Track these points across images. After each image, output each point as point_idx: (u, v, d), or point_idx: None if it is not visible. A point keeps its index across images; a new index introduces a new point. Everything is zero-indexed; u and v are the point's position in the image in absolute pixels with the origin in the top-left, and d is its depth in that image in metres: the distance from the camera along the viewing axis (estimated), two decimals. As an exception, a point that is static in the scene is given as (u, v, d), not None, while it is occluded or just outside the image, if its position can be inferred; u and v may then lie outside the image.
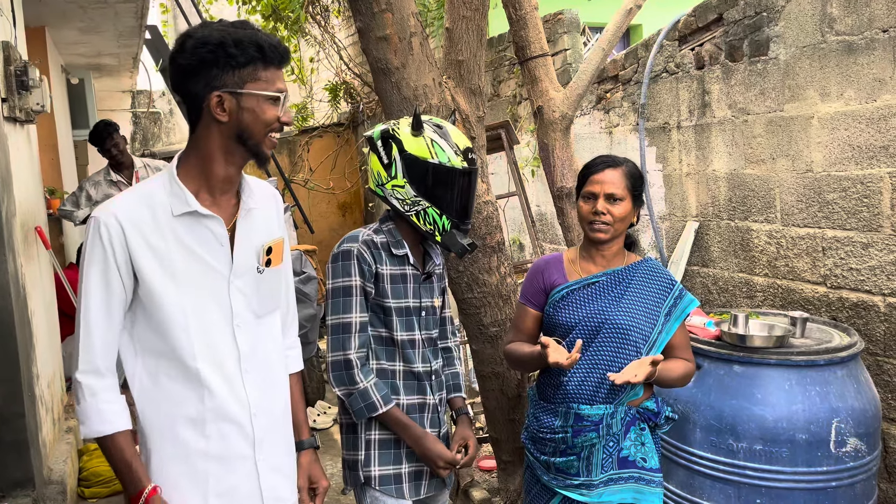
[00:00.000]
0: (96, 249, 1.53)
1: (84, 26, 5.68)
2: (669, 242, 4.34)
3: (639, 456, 2.12)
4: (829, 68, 3.23)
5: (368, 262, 2.06)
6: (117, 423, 1.55)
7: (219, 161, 1.58)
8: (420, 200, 2.04)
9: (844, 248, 3.24)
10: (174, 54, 1.54)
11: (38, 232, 3.70)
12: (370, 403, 2.04)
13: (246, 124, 1.54)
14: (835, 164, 3.25)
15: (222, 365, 1.62)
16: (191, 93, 1.54)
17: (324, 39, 8.00)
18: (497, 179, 5.72)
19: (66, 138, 6.74)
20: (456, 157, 2.03)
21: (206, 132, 1.56)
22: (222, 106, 1.52)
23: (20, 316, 2.97)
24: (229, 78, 1.51)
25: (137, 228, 1.54)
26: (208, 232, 1.60)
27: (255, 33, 1.53)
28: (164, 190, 1.58)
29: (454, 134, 2.08)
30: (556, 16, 5.34)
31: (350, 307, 2.05)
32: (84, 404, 1.55)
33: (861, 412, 2.67)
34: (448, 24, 2.99)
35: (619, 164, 2.15)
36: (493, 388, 3.17)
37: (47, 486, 3.19)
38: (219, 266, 1.61)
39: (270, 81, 1.55)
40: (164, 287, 1.56)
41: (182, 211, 1.57)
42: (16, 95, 3.22)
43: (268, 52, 1.53)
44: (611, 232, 2.12)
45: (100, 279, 1.53)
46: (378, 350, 2.12)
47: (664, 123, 4.28)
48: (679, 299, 2.17)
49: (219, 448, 1.62)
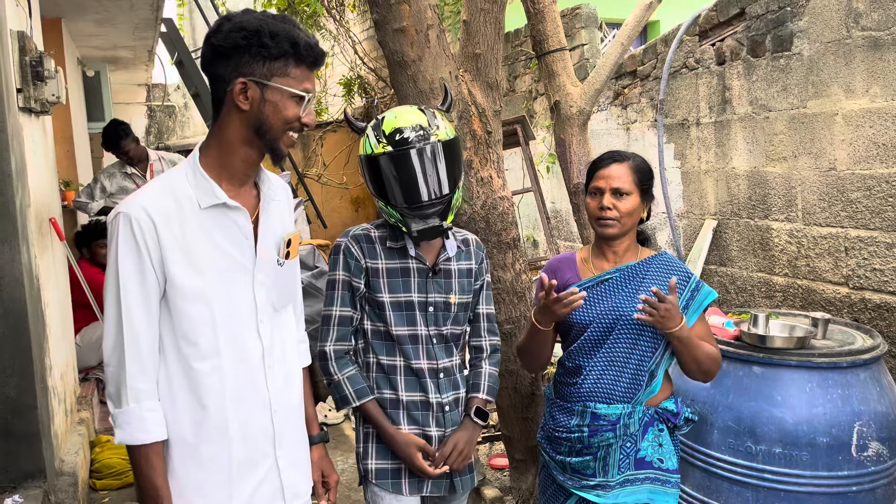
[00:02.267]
0: (129, 245, 1.48)
1: (100, 18, 5.70)
2: (687, 240, 4.28)
3: (656, 457, 2.08)
4: (854, 64, 3.17)
5: (355, 257, 2.05)
6: (157, 433, 1.52)
7: (238, 152, 1.55)
8: (377, 199, 2.04)
9: (868, 248, 3.18)
10: (210, 34, 1.52)
11: (52, 223, 3.70)
12: (343, 396, 2.06)
13: (266, 117, 1.51)
14: (859, 162, 3.18)
15: (246, 360, 1.59)
16: (218, 75, 1.51)
17: (339, 34, 7.98)
18: (512, 175, 5.68)
19: (81, 130, 6.76)
20: (379, 143, 1.97)
21: (227, 119, 1.54)
22: (245, 94, 1.49)
23: (34, 307, 2.97)
24: (258, 67, 1.48)
25: (167, 222, 1.50)
26: (234, 224, 1.57)
27: (294, 29, 1.50)
28: (188, 182, 1.55)
29: (389, 119, 2.00)
30: (573, 10, 5.28)
31: (332, 300, 2.09)
32: (126, 409, 1.50)
33: (884, 416, 2.61)
34: (466, 17, 2.96)
35: (626, 158, 2.11)
36: (506, 386, 3.13)
37: (59, 478, 3.19)
38: (243, 259, 1.59)
39: (299, 80, 1.52)
40: (190, 282, 1.52)
41: (210, 203, 1.54)
42: (31, 86, 3.21)
43: (302, 49, 1.50)
44: (618, 227, 2.07)
45: (137, 276, 1.49)
46: (376, 345, 2.10)
47: (683, 120, 4.23)
48: (696, 292, 2.11)
49: (241, 449, 1.59)
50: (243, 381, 1.59)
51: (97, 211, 5.30)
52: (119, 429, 1.51)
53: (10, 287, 2.82)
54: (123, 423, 1.50)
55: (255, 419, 1.61)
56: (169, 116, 10.35)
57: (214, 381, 1.55)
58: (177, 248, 1.51)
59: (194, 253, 1.52)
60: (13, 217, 2.81)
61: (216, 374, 1.55)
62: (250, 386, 1.60)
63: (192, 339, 1.54)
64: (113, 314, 1.50)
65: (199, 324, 1.53)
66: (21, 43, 3.12)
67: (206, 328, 1.54)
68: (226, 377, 1.56)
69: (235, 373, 1.57)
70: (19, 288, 2.84)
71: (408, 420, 2.08)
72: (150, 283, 1.50)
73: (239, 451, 1.59)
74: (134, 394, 1.50)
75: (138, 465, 1.52)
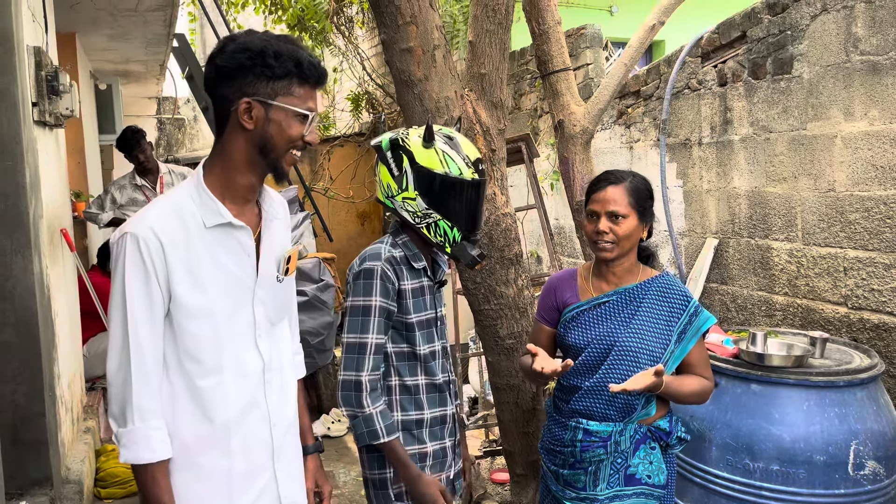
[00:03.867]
0: (136, 266, 1.48)
1: (113, 33, 5.79)
2: (689, 259, 4.32)
3: (645, 473, 2.10)
4: (853, 88, 3.22)
5: (392, 281, 2.01)
6: (163, 452, 1.51)
7: (242, 171, 1.57)
8: (431, 213, 2.01)
9: (866, 268, 3.21)
10: (214, 54, 1.54)
11: (63, 234, 3.75)
12: (372, 431, 1.97)
13: (270, 136, 1.53)
14: (858, 184, 3.22)
15: (247, 375, 1.61)
16: (222, 95, 1.53)
17: (347, 50, 8.08)
18: (516, 192, 5.73)
19: (92, 142, 6.85)
20: (467, 168, 2.00)
21: (231, 139, 1.55)
22: (250, 113, 1.51)
23: (44, 316, 3.02)
24: (262, 87, 1.50)
25: (173, 242, 1.51)
26: (237, 243, 1.59)
27: (297, 50, 1.53)
28: (192, 200, 1.56)
29: (465, 145, 2.06)
30: (578, 30, 5.35)
31: (368, 327, 2.00)
32: (132, 427, 1.49)
33: (880, 435, 2.64)
34: (471, 38, 3.02)
35: (623, 180, 2.10)
36: (508, 401, 3.16)
37: (65, 486, 3.22)
38: (245, 277, 1.61)
39: (302, 99, 1.54)
40: (195, 300, 1.53)
41: (215, 222, 1.55)
42: (46, 100, 3.28)
43: (306, 69, 1.52)
44: (616, 250, 2.08)
45: (144, 295, 1.49)
46: (400, 367, 2.08)
47: (685, 139, 4.28)
48: (694, 317, 2.12)
49: (242, 463, 1.61)
50: (245, 396, 1.60)
51: (107, 222, 5.36)
52: (124, 448, 1.50)
53: (21, 296, 2.87)
54: (129, 442, 1.50)
55: (255, 433, 1.62)
56: (179, 129, 10.46)
57: (217, 397, 1.57)
58: (182, 268, 1.52)
59: (199, 272, 1.54)
60: (26, 228, 2.87)
61: (219, 390, 1.57)
62: (251, 400, 1.61)
63: (195, 357, 1.55)
64: (119, 333, 1.50)
65: (202, 341, 1.55)
66: (37, 58, 3.19)
67: (210, 345, 1.55)
68: (228, 392, 1.58)
69: (237, 388, 1.59)
70: (31, 297, 2.89)
71: (430, 437, 2.11)
72: (157, 303, 1.50)
73: (240, 464, 1.60)
74: (140, 413, 1.49)
75: (144, 484, 1.52)
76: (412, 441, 2.08)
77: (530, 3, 3.54)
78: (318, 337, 4.81)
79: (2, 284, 2.82)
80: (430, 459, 2.10)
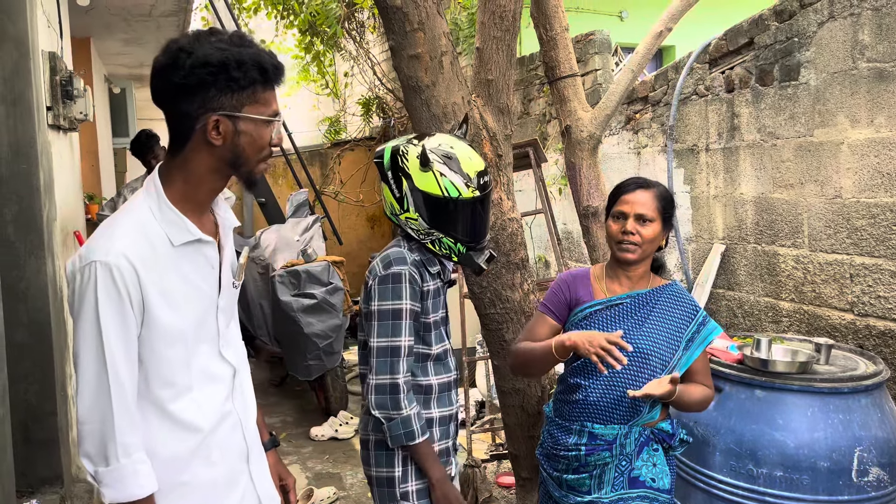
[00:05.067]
0: (110, 296, 1.38)
1: (127, 38, 5.87)
2: (696, 264, 4.33)
3: (649, 476, 2.11)
4: (859, 95, 3.22)
5: (418, 283, 2.04)
6: (151, 486, 1.45)
7: (207, 183, 1.50)
8: (433, 231, 2.04)
9: (872, 275, 3.21)
10: (165, 68, 1.42)
11: (76, 236, 3.81)
12: (410, 431, 1.98)
13: (241, 149, 1.46)
14: (864, 190, 3.23)
15: (217, 386, 1.58)
16: (181, 112, 1.43)
17: (358, 54, 8.13)
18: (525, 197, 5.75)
19: (106, 146, 6.93)
20: (467, 188, 2.00)
21: (195, 155, 1.46)
22: (218, 129, 1.43)
23: (57, 317, 3.07)
24: (227, 100, 1.42)
25: (146, 266, 1.42)
26: (202, 258, 1.54)
27: (258, 53, 1.45)
28: (154, 217, 1.47)
29: (464, 160, 2.03)
30: (587, 36, 5.37)
31: (400, 331, 2.00)
32: (116, 465, 1.41)
33: (885, 442, 2.63)
34: (479, 44, 3.04)
35: (652, 186, 2.14)
36: (513, 405, 3.18)
37: (75, 484, 3.26)
38: (210, 290, 1.56)
39: (267, 104, 1.47)
40: (171, 321, 1.47)
41: (184, 241, 1.48)
42: (60, 104, 3.34)
43: (270, 73, 1.46)
44: (639, 253, 2.10)
45: (120, 328, 1.40)
46: (414, 367, 2.09)
47: (693, 145, 4.29)
48: (702, 325, 2.15)
49: (223, 471, 1.59)
50: (217, 406, 1.58)
51: (119, 224, 5.41)
52: (108, 488, 1.42)
53: (34, 297, 2.92)
54: (113, 481, 1.41)
55: (231, 439, 1.61)
56: (191, 133, 10.52)
57: (190, 415, 1.52)
58: (156, 291, 1.44)
59: (170, 292, 1.47)
60: (40, 230, 2.92)
61: (192, 407, 1.53)
62: (223, 409, 1.59)
63: (169, 381, 1.49)
64: (93, 368, 1.40)
65: (175, 363, 1.49)
66: (52, 63, 3.25)
67: (182, 366, 1.51)
68: (201, 407, 1.54)
69: (209, 400, 1.56)
70: (43, 298, 2.94)
71: (440, 436, 2.14)
72: (132, 333, 1.42)
73: (221, 473, 1.59)
74: (124, 448, 1.41)
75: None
76: None
77: (538, 9, 3.57)
78: (327, 340, 4.85)
79: (15, 285, 2.87)
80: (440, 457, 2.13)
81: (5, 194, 2.85)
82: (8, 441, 2.09)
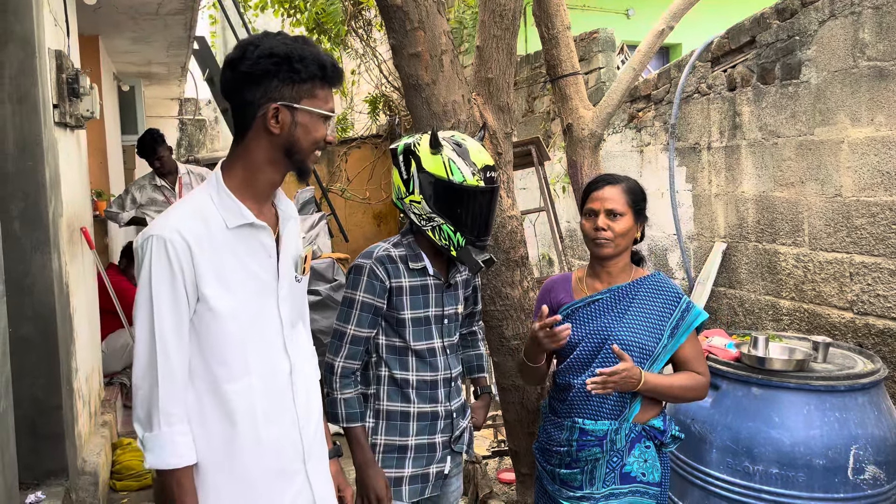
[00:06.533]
0: (163, 268, 1.48)
1: (135, 36, 5.91)
2: (697, 263, 4.33)
3: (640, 472, 2.14)
4: (859, 93, 3.22)
5: (381, 279, 2.10)
6: (188, 457, 1.51)
7: (265, 172, 1.58)
8: (434, 216, 2.07)
9: (872, 274, 3.22)
10: (234, 60, 1.53)
11: (83, 233, 3.85)
12: (334, 413, 2.11)
13: (296, 139, 1.54)
14: (864, 189, 3.23)
15: (275, 377, 1.62)
16: (246, 100, 1.54)
17: (365, 53, 8.16)
18: (529, 195, 5.77)
19: (115, 143, 6.98)
20: (472, 176, 2.04)
21: (255, 143, 1.56)
22: (277, 118, 1.52)
23: (62, 312, 3.10)
24: (288, 91, 1.52)
25: (199, 244, 1.51)
26: (259, 244, 1.60)
27: (319, 52, 1.55)
28: (212, 202, 1.56)
29: (474, 152, 2.09)
30: (591, 34, 5.38)
31: (349, 318, 2.11)
32: (158, 432, 1.49)
33: (881, 440, 2.64)
34: (479, 42, 3.06)
35: (620, 181, 2.18)
36: (513, 401, 3.20)
37: (81, 477, 3.30)
38: (267, 277, 1.61)
39: (325, 100, 1.56)
40: (223, 301, 1.53)
41: (237, 223, 1.56)
42: (66, 102, 3.37)
43: (329, 71, 1.55)
44: (613, 247, 2.14)
45: (170, 299, 1.49)
46: (390, 360, 2.16)
47: (695, 144, 4.29)
48: (686, 312, 2.16)
49: (275, 466, 1.61)
50: (273, 399, 1.61)
51: (127, 221, 5.47)
52: (150, 453, 1.50)
53: (40, 293, 2.96)
54: (155, 447, 1.50)
55: (285, 435, 1.63)
56: (199, 130, 10.61)
57: (244, 401, 1.57)
58: (209, 270, 1.51)
59: (224, 273, 1.54)
60: (46, 226, 2.96)
61: (247, 394, 1.57)
62: (280, 403, 1.62)
63: (223, 360, 1.55)
64: (145, 338, 1.50)
65: (229, 343, 1.55)
66: (58, 61, 3.28)
67: (238, 348, 1.56)
68: (256, 395, 1.58)
69: (266, 390, 1.60)
70: (49, 294, 2.98)
71: (417, 431, 2.17)
72: (182, 307, 1.50)
73: (272, 465, 1.61)
74: (166, 418, 1.49)
75: (169, 487, 1.53)
76: (393, 432, 2.16)
77: (540, 8, 3.58)
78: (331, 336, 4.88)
79: (21, 280, 2.91)
80: (411, 452, 2.17)
81: (12, 191, 2.88)
82: (11, 433, 2.13)
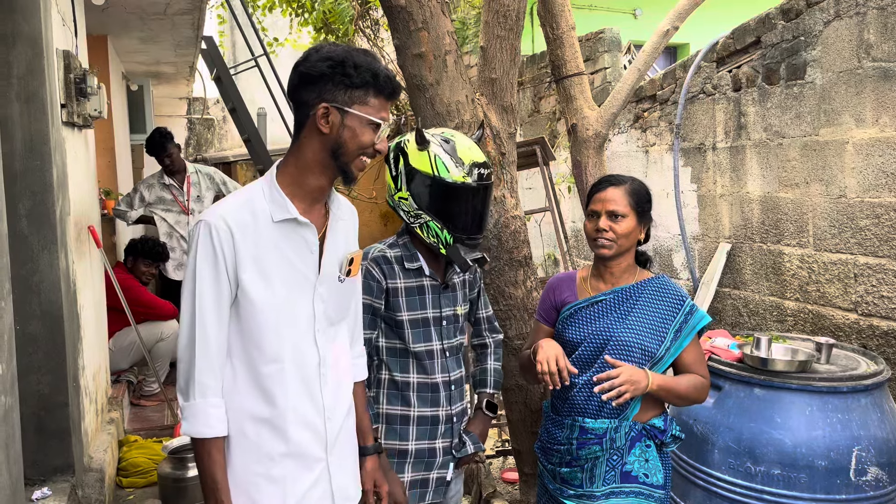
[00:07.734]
0: (207, 251, 1.60)
1: (144, 36, 5.95)
2: (702, 263, 4.33)
3: (642, 472, 2.14)
4: (864, 94, 3.21)
5: (377, 279, 2.10)
6: (219, 429, 1.62)
7: (314, 172, 1.66)
8: (421, 213, 2.07)
9: (876, 275, 3.21)
10: (299, 63, 1.65)
11: (90, 231, 3.88)
12: None
13: (343, 141, 1.62)
14: (868, 190, 3.22)
15: (304, 367, 1.69)
16: (302, 100, 1.63)
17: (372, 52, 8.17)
18: (535, 194, 5.78)
19: (123, 142, 7.02)
20: (458, 172, 2.04)
21: (307, 141, 1.65)
22: (327, 118, 1.61)
23: (69, 310, 3.13)
24: (340, 94, 1.60)
25: (243, 232, 1.61)
26: (301, 239, 1.68)
27: (376, 63, 1.63)
28: (263, 196, 1.66)
29: (462, 148, 2.08)
30: (597, 34, 5.38)
31: None
32: (192, 403, 1.61)
33: (884, 441, 2.64)
34: (483, 43, 3.07)
35: (623, 182, 2.19)
36: (516, 401, 3.21)
37: (87, 474, 3.33)
38: (307, 272, 1.69)
39: (376, 108, 1.63)
40: (259, 289, 1.63)
41: (282, 217, 1.65)
42: (74, 102, 3.40)
43: (381, 81, 1.62)
44: (614, 248, 2.14)
45: (212, 281, 1.60)
46: (390, 362, 2.14)
47: (700, 144, 4.29)
48: (690, 315, 2.17)
49: (297, 451, 1.69)
50: (301, 386, 1.69)
51: (135, 219, 5.50)
52: (185, 421, 1.63)
53: (47, 290, 2.98)
54: (190, 416, 1.62)
55: (310, 423, 1.70)
56: (208, 129, 10.66)
57: (277, 384, 1.66)
58: (249, 257, 1.62)
59: (264, 262, 1.63)
60: (53, 225, 2.98)
61: (279, 377, 1.66)
62: (307, 391, 1.70)
63: (257, 344, 1.65)
64: (188, 314, 1.62)
65: (264, 329, 1.64)
66: (66, 61, 3.31)
67: (271, 334, 1.65)
68: (287, 381, 1.67)
69: (295, 377, 1.68)
70: (56, 291, 3.00)
71: (417, 435, 2.14)
72: (224, 289, 1.61)
73: (295, 451, 1.69)
74: (201, 388, 1.61)
75: (199, 456, 1.63)
76: (393, 436, 2.13)
77: (545, 8, 3.59)
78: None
79: (28, 278, 2.94)
80: (410, 457, 2.14)
81: (19, 190, 2.91)
82: (17, 430, 2.15)
